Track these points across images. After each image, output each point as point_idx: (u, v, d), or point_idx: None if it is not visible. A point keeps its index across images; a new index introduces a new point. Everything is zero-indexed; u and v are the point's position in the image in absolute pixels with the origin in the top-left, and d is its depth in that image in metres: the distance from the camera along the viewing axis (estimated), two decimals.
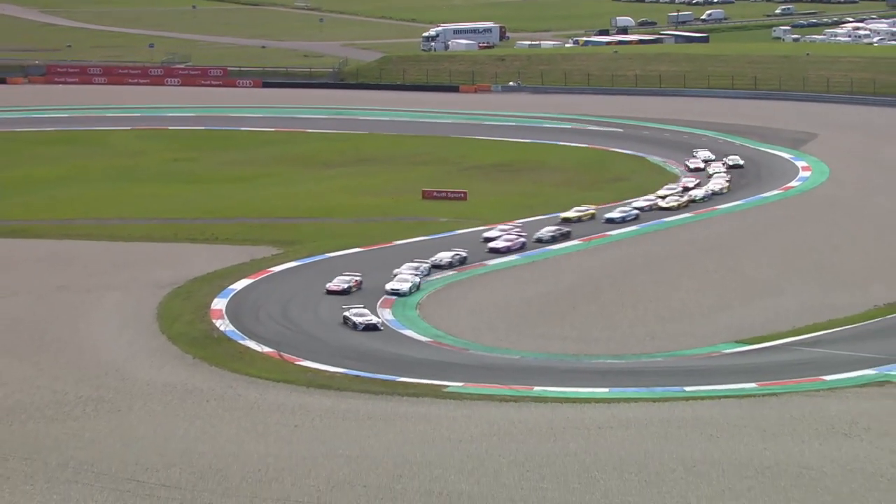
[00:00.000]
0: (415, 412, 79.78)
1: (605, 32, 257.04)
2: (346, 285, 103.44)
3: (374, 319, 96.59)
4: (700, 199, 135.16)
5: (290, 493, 65.99)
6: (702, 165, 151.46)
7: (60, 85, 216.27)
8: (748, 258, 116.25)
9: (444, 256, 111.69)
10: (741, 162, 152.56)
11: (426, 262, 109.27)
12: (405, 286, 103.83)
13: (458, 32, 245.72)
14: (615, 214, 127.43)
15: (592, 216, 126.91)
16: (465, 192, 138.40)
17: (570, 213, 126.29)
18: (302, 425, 77.36)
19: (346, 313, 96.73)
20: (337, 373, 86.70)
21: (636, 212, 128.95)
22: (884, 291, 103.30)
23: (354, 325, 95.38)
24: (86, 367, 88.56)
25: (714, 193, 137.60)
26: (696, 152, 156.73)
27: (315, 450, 72.48)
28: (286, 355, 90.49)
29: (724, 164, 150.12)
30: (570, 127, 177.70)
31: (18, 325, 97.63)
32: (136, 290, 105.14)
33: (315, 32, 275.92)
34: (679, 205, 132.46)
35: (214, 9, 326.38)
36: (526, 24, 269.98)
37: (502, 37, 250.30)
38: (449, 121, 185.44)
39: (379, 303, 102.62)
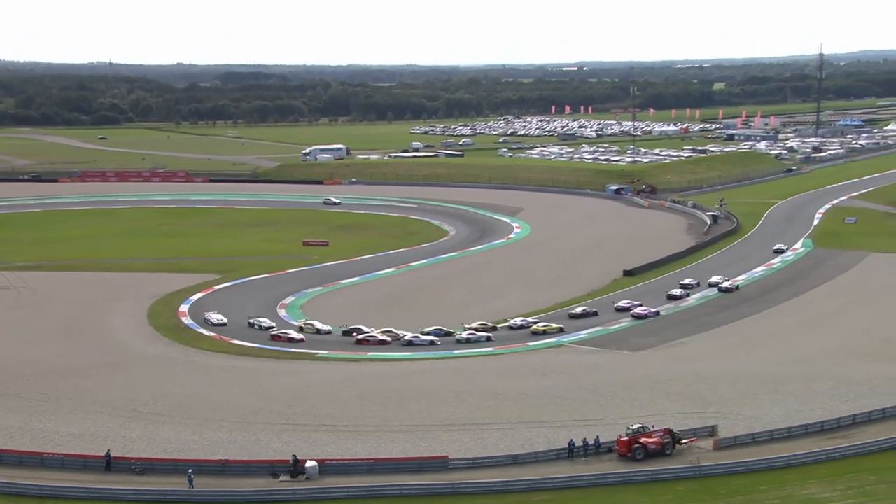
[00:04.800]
0: (300, 368, 79.45)
1: (406, 150, 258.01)
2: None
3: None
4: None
5: (226, 416, 65.01)
6: None
7: (90, 182, 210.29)
8: (487, 276, 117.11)
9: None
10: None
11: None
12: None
13: (322, 150, 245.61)
14: None
15: None
16: (327, 241, 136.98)
17: None
18: (234, 377, 76.54)
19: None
20: (254, 346, 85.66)
21: None
22: (562, 293, 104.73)
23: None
24: (105, 344, 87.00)
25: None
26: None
27: (241, 391, 71.67)
28: (224, 336, 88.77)
29: None
30: (386, 204, 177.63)
31: (66, 320, 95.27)
32: (136, 300, 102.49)
33: (239, 150, 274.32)
34: None
35: (180, 137, 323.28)
36: (362, 145, 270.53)
37: (348, 153, 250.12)
38: (318, 200, 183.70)
39: (277, 305, 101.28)
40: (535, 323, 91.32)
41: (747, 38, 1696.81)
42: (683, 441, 57.82)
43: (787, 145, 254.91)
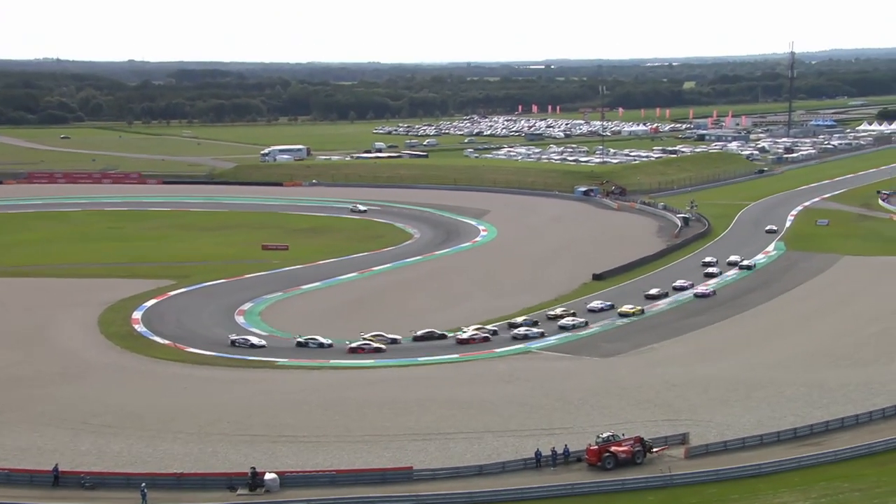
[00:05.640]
0: (258, 377, 78.90)
1: (368, 151, 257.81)
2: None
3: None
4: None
5: (181, 427, 64.53)
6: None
7: (37, 184, 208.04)
8: (453, 281, 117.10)
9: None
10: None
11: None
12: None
13: (282, 151, 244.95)
14: None
15: None
16: (287, 245, 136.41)
17: None
18: (189, 386, 75.91)
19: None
20: (210, 355, 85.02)
21: None
22: (530, 298, 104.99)
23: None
24: (54, 353, 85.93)
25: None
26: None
27: (197, 401, 71.25)
28: (179, 345, 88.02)
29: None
30: (349, 206, 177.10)
31: (11, 328, 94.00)
32: (87, 307, 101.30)
33: (195, 150, 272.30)
34: None
35: (133, 137, 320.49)
36: (323, 146, 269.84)
37: (308, 153, 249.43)
38: (277, 203, 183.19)
39: (235, 312, 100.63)
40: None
41: (718, 36, 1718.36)
42: (654, 449, 58.18)
43: (759, 146, 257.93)
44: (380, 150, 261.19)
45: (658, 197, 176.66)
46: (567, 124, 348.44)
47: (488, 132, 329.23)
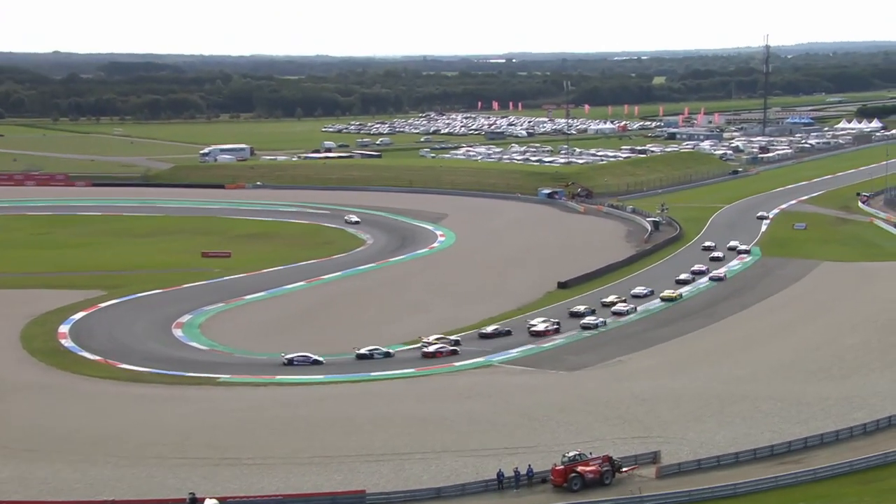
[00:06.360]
0: (198, 395, 78.31)
1: (317, 151, 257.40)
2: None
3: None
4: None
5: (113, 451, 63.88)
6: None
7: None
8: (409, 290, 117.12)
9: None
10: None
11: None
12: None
13: (223, 150, 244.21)
14: None
15: None
16: (230, 252, 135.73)
17: None
18: (122, 406, 75.04)
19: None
20: (145, 371, 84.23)
21: None
22: (491, 308, 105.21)
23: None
24: None
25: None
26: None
27: (131, 421, 70.58)
28: (110, 360, 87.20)
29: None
30: (296, 210, 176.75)
31: None
32: (7, 321, 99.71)
33: (128, 150, 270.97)
34: None
35: (58, 136, 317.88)
36: (268, 145, 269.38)
37: (252, 153, 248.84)
38: (218, 206, 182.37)
39: (172, 324, 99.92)
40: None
41: (689, 28, 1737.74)
42: (624, 469, 58.58)
43: (733, 145, 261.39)
44: (329, 150, 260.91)
45: (627, 199, 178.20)
46: (530, 122, 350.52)
47: (446, 130, 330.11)
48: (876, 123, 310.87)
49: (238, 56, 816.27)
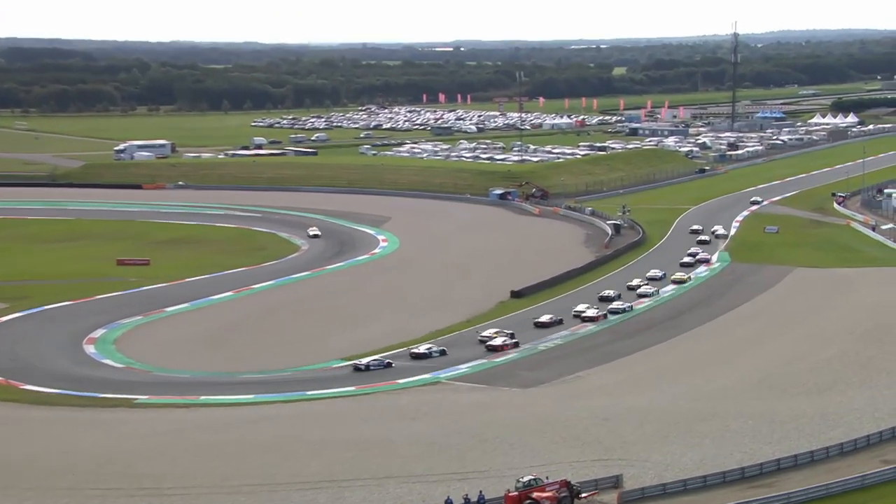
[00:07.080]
0: (113, 418, 77.62)
1: (246, 148, 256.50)
2: None
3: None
4: None
5: (15, 482, 62.97)
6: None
7: None
8: (350, 300, 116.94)
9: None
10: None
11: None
12: None
13: (141, 147, 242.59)
14: None
15: None
16: (148, 260, 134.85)
17: None
18: (27, 431, 74.15)
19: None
20: (53, 392, 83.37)
21: None
22: (439, 319, 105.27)
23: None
24: None
25: None
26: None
27: (36, 449, 69.58)
28: (13, 381, 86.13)
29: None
30: (223, 213, 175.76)
31: None
32: None
33: (32, 146, 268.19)
34: None
35: None
36: (191, 141, 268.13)
37: (173, 150, 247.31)
38: (135, 209, 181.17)
39: (84, 340, 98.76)
40: None
41: (652, 14, 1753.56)
42: (583, 495, 58.93)
43: (699, 141, 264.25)
44: (260, 147, 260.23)
45: (585, 201, 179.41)
46: (480, 116, 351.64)
47: (388, 126, 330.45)
48: (852, 118, 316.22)
49: (157, 42, 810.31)
